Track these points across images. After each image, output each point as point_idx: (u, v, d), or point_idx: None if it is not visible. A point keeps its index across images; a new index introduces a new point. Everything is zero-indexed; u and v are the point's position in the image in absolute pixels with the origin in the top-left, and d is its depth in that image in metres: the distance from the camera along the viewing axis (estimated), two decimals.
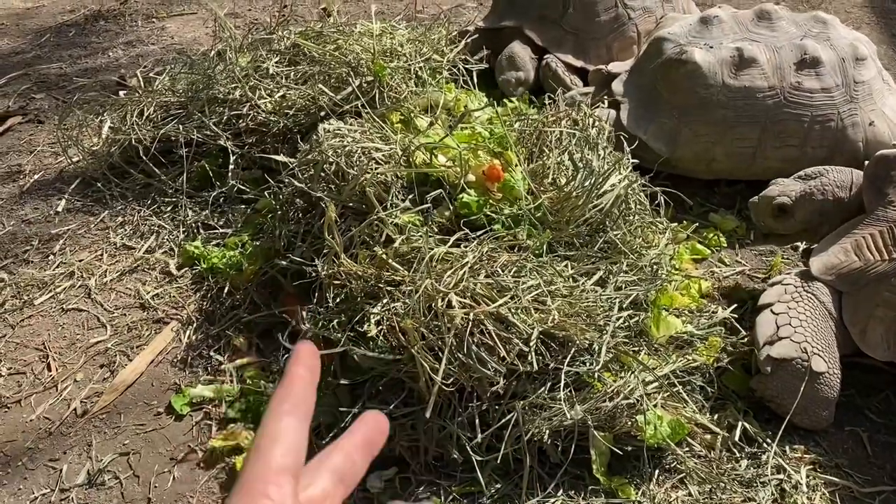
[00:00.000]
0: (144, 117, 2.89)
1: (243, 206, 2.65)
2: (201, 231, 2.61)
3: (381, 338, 1.77)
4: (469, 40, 3.25)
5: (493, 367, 1.68)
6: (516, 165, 2.15)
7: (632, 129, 2.53)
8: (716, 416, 1.88)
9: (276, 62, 2.82)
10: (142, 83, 3.47)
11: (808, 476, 1.76)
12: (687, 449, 1.81)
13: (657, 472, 1.78)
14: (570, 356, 1.75)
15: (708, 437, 1.85)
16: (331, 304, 1.95)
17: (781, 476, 1.76)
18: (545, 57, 3.08)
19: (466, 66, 2.81)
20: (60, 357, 2.20)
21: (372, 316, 1.81)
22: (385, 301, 1.84)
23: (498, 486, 1.75)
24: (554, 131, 2.21)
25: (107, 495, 1.81)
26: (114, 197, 2.85)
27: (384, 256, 1.90)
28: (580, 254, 1.98)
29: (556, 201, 2.03)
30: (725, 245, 2.46)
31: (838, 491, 1.74)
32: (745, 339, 2.02)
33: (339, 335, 1.84)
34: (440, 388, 1.67)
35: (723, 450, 1.82)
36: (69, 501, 1.80)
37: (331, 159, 2.13)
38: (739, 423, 1.85)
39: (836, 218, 2.07)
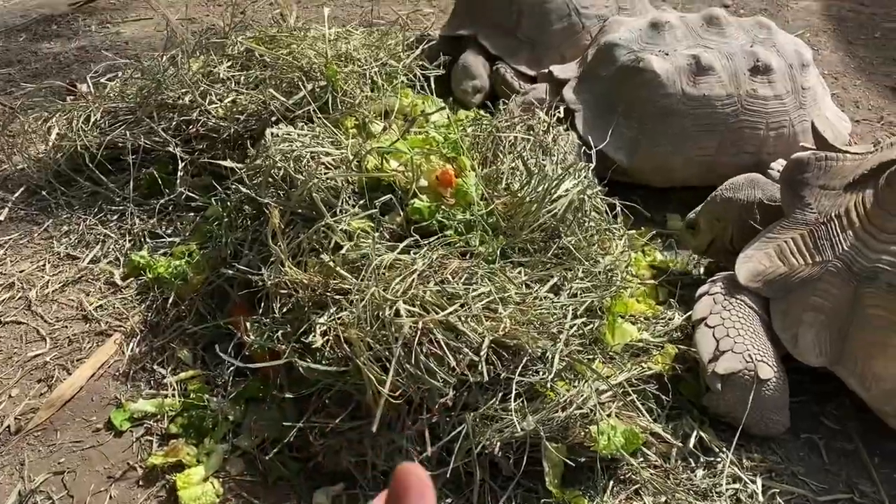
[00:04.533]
0: (91, 123, 2.80)
1: (192, 214, 2.57)
2: (148, 240, 2.53)
3: (327, 349, 1.71)
4: (426, 46, 3.22)
5: (443, 378, 1.62)
6: (470, 170, 2.11)
7: (588, 137, 2.50)
8: (671, 425, 1.85)
9: (227, 66, 2.75)
10: (91, 88, 3.38)
11: (763, 485, 1.73)
12: (641, 459, 1.77)
13: (612, 483, 1.74)
14: (521, 365, 1.70)
15: (663, 446, 1.81)
16: (277, 315, 1.89)
17: (737, 485, 1.73)
18: (496, 63, 3.05)
19: (423, 72, 2.76)
20: None
21: (317, 326, 1.74)
22: (332, 310, 1.78)
23: (448, 500, 1.70)
24: (508, 136, 2.18)
25: None
26: (59, 205, 2.75)
27: (331, 264, 1.84)
28: (534, 260, 1.94)
29: (509, 206, 1.99)
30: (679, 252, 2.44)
31: (794, 499, 1.71)
32: None
33: (284, 346, 1.78)
34: (388, 401, 1.61)
35: (678, 459, 1.79)
36: None
37: (279, 164, 2.07)
38: (694, 432, 1.82)
39: (736, 217, 2.18)
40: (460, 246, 1.88)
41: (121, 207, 2.67)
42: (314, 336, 1.72)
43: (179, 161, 2.60)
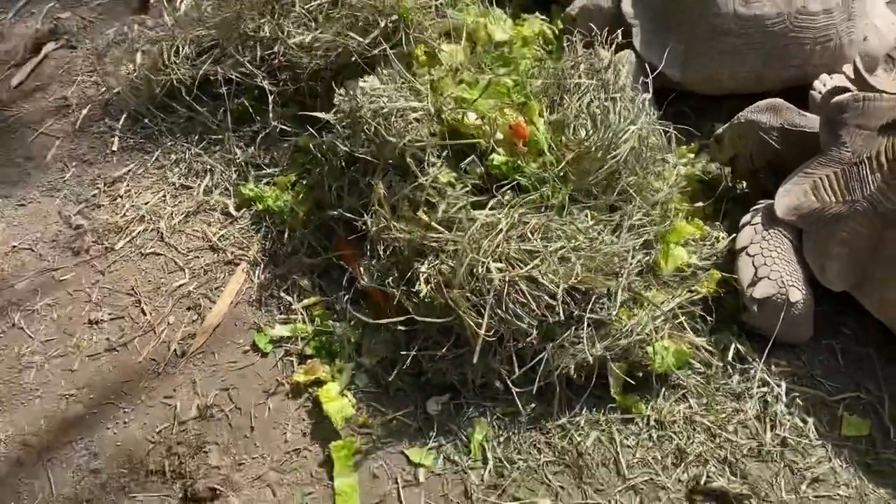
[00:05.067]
0: (181, 56, 3.03)
1: (286, 145, 2.87)
2: (251, 170, 2.86)
3: (430, 293, 2.10)
4: None
5: (528, 321, 2.02)
6: (538, 117, 2.36)
7: (645, 55, 2.69)
8: (713, 338, 2.24)
9: None
10: (167, 6, 3.56)
11: (787, 388, 2.15)
12: (687, 369, 2.18)
13: (663, 389, 2.17)
14: (591, 303, 2.08)
15: (705, 356, 2.21)
16: (382, 258, 2.27)
17: (766, 389, 2.15)
18: None
19: None
20: (151, 301, 2.56)
21: (421, 274, 2.13)
22: (430, 258, 2.16)
23: (533, 405, 2.16)
24: (573, 78, 2.39)
25: (217, 426, 2.24)
26: (162, 132, 3.07)
27: (426, 218, 2.19)
28: (598, 203, 2.25)
29: (576, 154, 2.27)
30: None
31: (810, 399, 2.13)
32: None
33: (395, 291, 2.18)
34: (484, 339, 2.03)
35: (718, 367, 2.20)
36: (188, 432, 2.23)
37: (370, 121, 2.35)
38: (733, 345, 2.22)
39: (756, 138, 2.42)
40: (535, 199, 2.19)
41: (219, 136, 2.98)
42: (420, 284, 2.11)
43: (268, 94, 2.86)
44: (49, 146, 3.13)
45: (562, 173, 2.23)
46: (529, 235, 2.09)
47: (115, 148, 3.07)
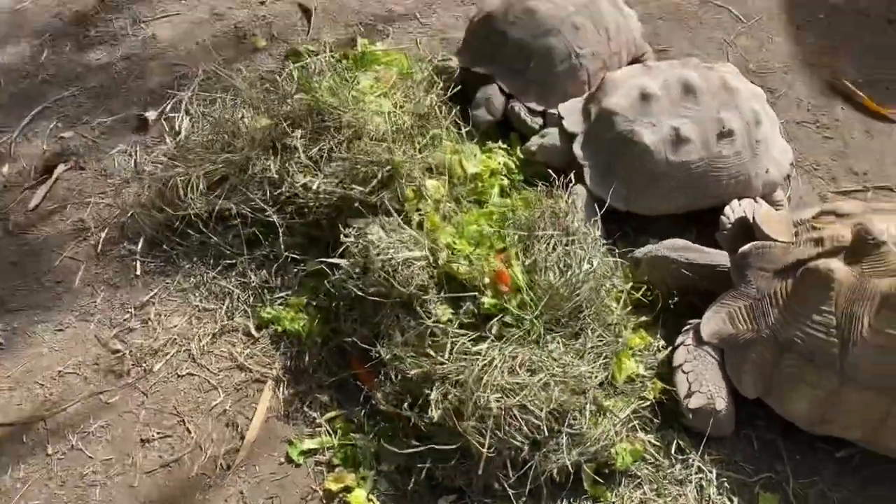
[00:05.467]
0: (197, 192, 3.46)
1: (296, 270, 3.35)
2: (266, 294, 3.33)
3: (441, 418, 2.64)
4: (450, 75, 3.85)
5: (520, 440, 2.59)
6: (516, 259, 2.93)
7: (594, 192, 3.30)
8: (659, 434, 2.86)
9: (300, 137, 3.40)
10: (164, 124, 3.99)
11: (718, 474, 2.78)
12: (641, 461, 2.79)
13: (623, 479, 2.77)
14: (567, 419, 2.67)
15: (653, 449, 2.83)
16: (395, 382, 2.80)
17: (701, 475, 2.78)
18: (511, 102, 3.72)
19: (458, 132, 3.47)
20: (193, 420, 3.01)
21: (431, 400, 2.67)
22: (438, 384, 2.70)
23: (524, 500, 2.72)
24: (540, 229, 2.97)
25: None
26: (179, 256, 3.49)
27: (432, 352, 2.73)
28: (566, 331, 2.84)
29: (548, 297, 2.84)
30: None
31: (735, 482, 2.77)
32: None
33: (410, 415, 2.71)
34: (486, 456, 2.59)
35: (664, 458, 2.81)
36: None
37: (379, 271, 2.87)
38: (675, 440, 2.84)
39: (668, 268, 3.05)
40: (520, 334, 2.76)
41: (232, 261, 3.43)
42: (432, 411, 2.65)
43: (279, 227, 3.33)
44: (75, 270, 3.52)
45: (537, 312, 2.80)
46: (518, 370, 2.66)
47: (138, 272, 3.47)
